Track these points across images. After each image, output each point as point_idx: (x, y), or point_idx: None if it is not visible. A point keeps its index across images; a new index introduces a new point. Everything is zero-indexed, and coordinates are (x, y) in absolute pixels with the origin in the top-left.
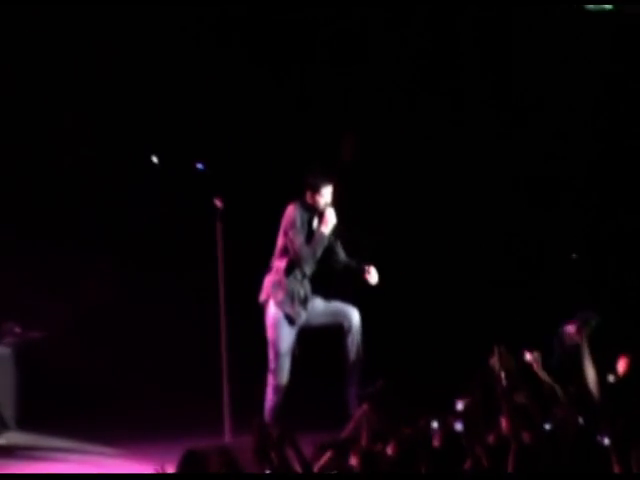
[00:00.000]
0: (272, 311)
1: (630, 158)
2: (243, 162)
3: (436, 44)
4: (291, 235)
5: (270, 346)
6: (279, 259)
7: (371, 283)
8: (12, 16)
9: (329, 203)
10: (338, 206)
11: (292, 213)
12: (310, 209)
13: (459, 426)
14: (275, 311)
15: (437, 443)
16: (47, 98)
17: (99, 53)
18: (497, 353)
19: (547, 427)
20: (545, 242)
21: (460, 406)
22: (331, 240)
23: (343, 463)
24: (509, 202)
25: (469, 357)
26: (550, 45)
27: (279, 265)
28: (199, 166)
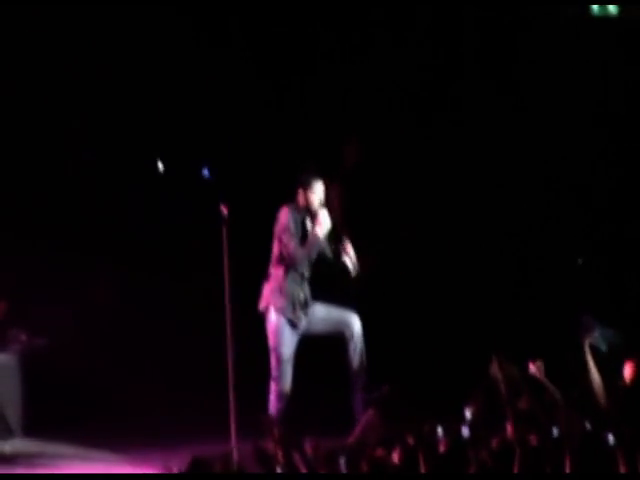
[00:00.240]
0: (273, 318)
1: (635, 161)
2: (248, 169)
3: (439, 47)
4: (285, 239)
5: (272, 353)
6: (276, 266)
7: (350, 267)
8: (13, 19)
9: (323, 201)
10: (340, 210)
11: (284, 217)
12: (303, 210)
13: (465, 432)
14: (276, 317)
15: (443, 449)
16: (50, 102)
17: (103, 57)
18: (496, 362)
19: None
20: (550, 247)
21: (468, 413)
22: (324, 243)
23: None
24: (513, 207)
25: (475, 362)
26: (554, 48)
27: (277, 272)
28: (204, 172)
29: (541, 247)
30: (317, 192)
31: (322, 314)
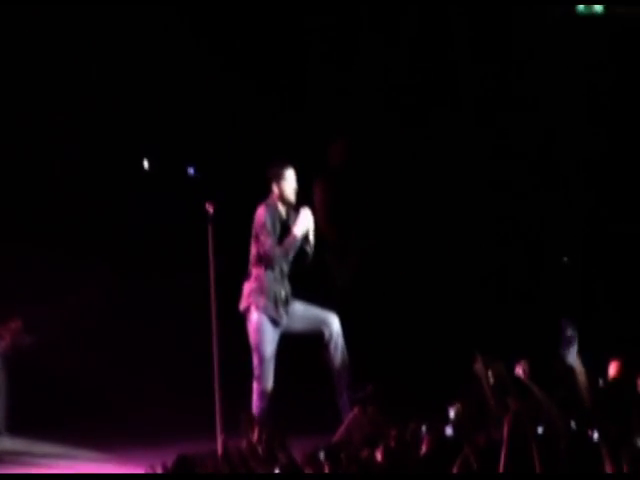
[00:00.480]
0: (254, 317)
1: (624, 159)
2: (234, 167)
3: (428, 47)
4: (262, 238)
5: (254, 352)
6: (255, 265)
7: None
8: None
9: (296, 188)
10: (325, 209)
11: (261, 215)
12: (279, 207)
13: (449, 431)
14: (258, 316)
15: (426, 448)
16: (37, 103)
17: (89, 57)
18: (480, 360)
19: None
20: (536, 246)
21: (452, 413)
22: (308, 241)
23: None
24: (499, 205)
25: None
26: (541, 47)
27: (256, 271)
28: (190, 171)
29: (527, 246)
30: (289, 180)
31: (301, 312)
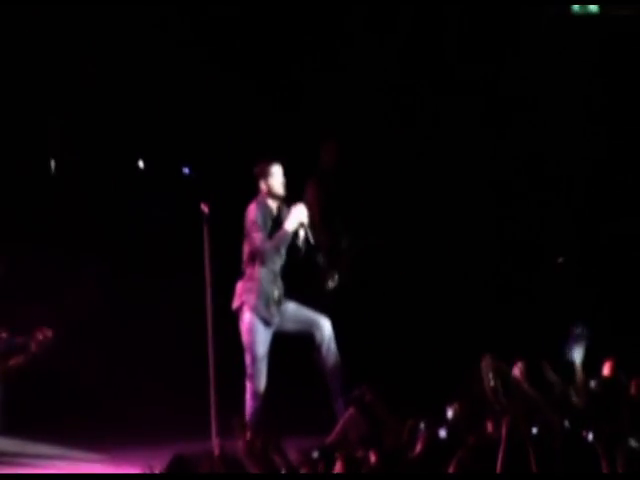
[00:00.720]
0: (247, 317)
1: (620, 158)
2: (229, 167)
3: (421, 48)
4: (253, 233)
5: (247, 352)
6: (248, 264)
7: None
8: None
9: (284, 182)
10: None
11: (251, 212)
12: (269, 203)
13: (443, 433)
14: (250, 316)
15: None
16: (32, 103)
17: (83, 57)
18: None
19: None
20: (532, 246)
21: (450, 412)
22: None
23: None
24: (494, 206)
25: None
26: (536, 47)
27: (249, 270)
28: (185, 171)
29: (522, 246)
30: (276, 176)
31: (293, 313)
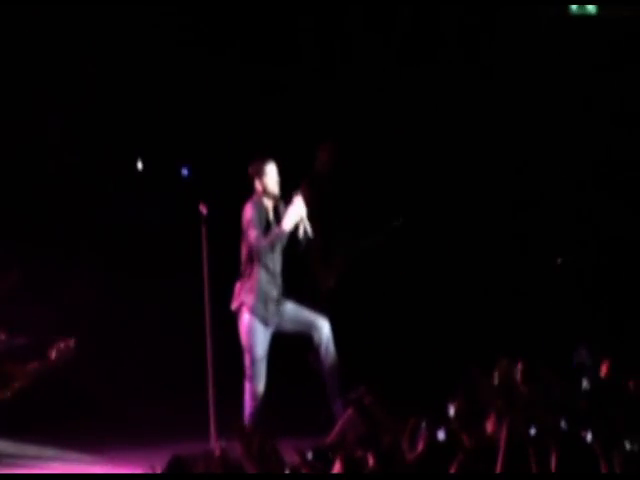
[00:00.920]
0: (245, 318)
1: (619, 158)
2: (227, 168)
3: (418, 48)
4: (249, 231)
5: (245, 353)
6: (246, 265)
7: (297, 211)
8: None
9: (278, 181)
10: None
11: (247, 211)
12: (265, 202)
13: (442, 435)
14: (248, 317)
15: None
16: (30, 102)
17: (83, 57)
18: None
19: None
20: (530, 246)
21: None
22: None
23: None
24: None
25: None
26: (534, 48)
27: (248, 270)
28: (184, 172)
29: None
30: (270, 175)
31: (292, 314)
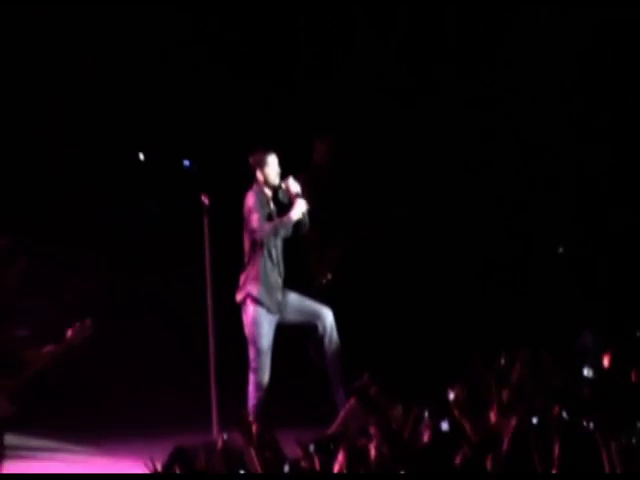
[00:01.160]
0: (250, 309)
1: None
2: (230, 159)
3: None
4: (250, 216)
5: (250, 345)
6: (249, 255)
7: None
8: None
9: (279, 172)
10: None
11: (249, 199)
12: (266, 191)
13: (445, 426)
14: (253, 308)
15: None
16: (32, 96)
17: (84, 51)
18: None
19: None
20: (531, 236)
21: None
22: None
23: None
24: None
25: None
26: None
27: (251, 261)
28: (185, 163)
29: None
30: (271, 165)
31: (296, 304)
